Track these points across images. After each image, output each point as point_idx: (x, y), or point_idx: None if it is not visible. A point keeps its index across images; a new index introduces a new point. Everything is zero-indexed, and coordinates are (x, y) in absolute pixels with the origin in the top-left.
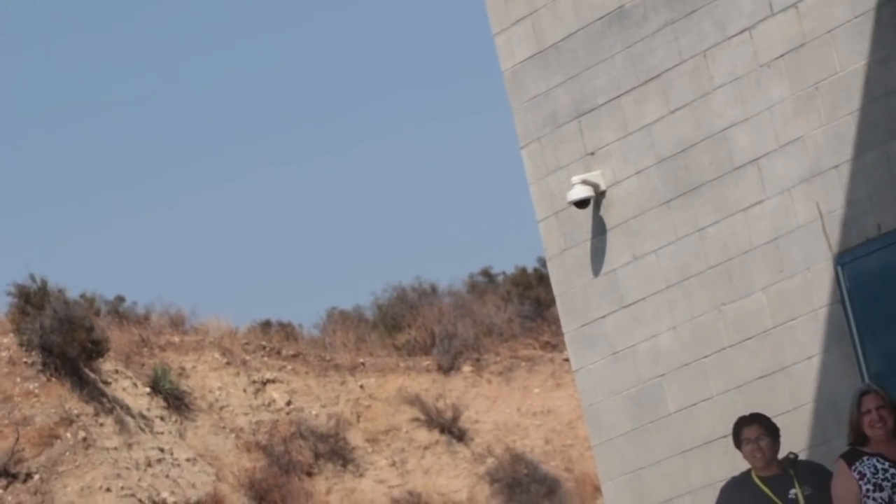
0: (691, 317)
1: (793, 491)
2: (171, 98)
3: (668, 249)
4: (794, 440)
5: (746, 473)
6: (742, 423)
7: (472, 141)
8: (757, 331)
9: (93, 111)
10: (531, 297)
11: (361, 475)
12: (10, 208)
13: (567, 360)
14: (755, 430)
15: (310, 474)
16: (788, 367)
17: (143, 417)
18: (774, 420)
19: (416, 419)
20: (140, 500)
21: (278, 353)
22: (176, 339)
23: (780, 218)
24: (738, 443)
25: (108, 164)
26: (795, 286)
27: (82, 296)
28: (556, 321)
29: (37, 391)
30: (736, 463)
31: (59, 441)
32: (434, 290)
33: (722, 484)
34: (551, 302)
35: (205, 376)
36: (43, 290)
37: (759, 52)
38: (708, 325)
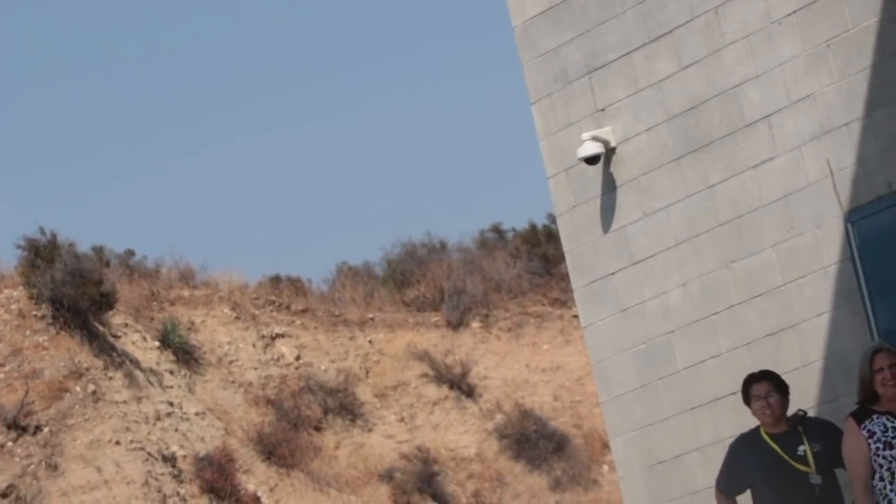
0: (701, 274)
1: (801, 448)
2: (183, 52)
3: (678, 206)
4: (803, 397)
5: (755, 430)
6: (751, 380)
7: (483, 97)
8: (766, 288)
9: (105, 65)
10: (540, 253)
11: (370, 430)
12: (21, 161)
13: (576, 316)
14: (764, 386)
15: (318, 429)
16: (798, 325)
17: (153, 371)
18: (783, 377)
19: (425, 375)
20: (149, 454)
21: (287, 307)
22: (185, 293)
23: (791, 175)
24: (747, 399)
25: (120, 118)
26: (805, 243)
27: (92, 249)
28: (566, 278)
29: (46, 344)
30: (745, 420)
31: (68, 394)
32: (443, 245)
33: (731, 441)
34: (560, 258)
35: (214, 331)
36: (53, 243)
37: (770, 9)
38: (717, 282)
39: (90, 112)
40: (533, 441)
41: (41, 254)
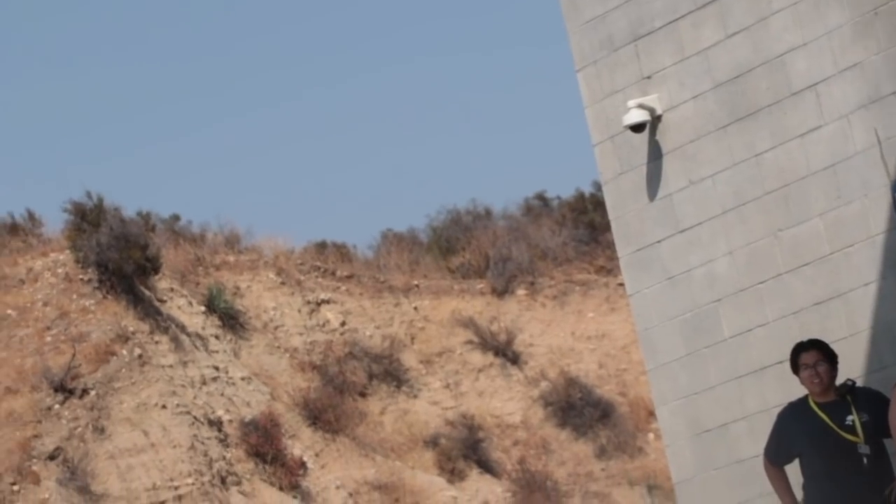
0: (747, 242)
1: (850, 417)
2: (230, 15)
3: (725, 174)
4: (851, 367)
5: (803, 399)
6: (800, 349)
7: (532, 65)
8: (813, 257)
9: (152, 29)
10: (586, 221)
11: (415, 396)
12: (68, 126)
13: (622, 284)
14: (813, 355)
15: (363, 395)
16: (845, 294)
17: (198, 336)
18: (832, 347)
19: (470, 342)
20: (195, 418)
21: (333, 273)
22: (231, 258)
23: (838, 144)
24: (795, 368)
25: (167, 82)
26: (852, 212)
27: (138, 214)
28: (611, 245)
29: (93, 308)
30: (791, 389)
31: (115, 358)
32: (489, 213)
33: (777, 410)
34: (606, 226)
35: (259, 296)
36: (99, 207)
37: None
38: (764, 250)
39: (137, 76)
40: (578, 409)
41: (87, 218)
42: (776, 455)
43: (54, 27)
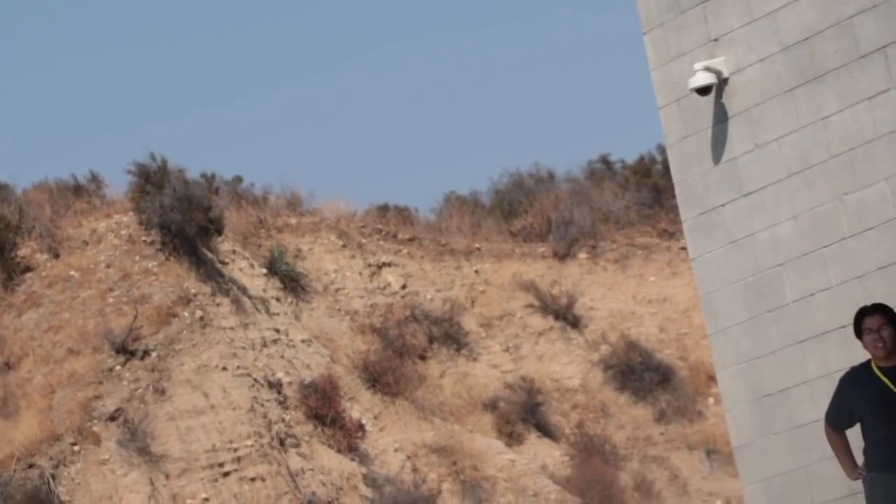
0: (812, 206)
1: None
2: None
3: (791, 138)
4: None
5: (866, 364)
6: (864, 313)
7: (597, 27)
8: (878, 221)
9: None
10: (649, 184)
11: (475, 360)
12: (133, 88)
13: (684, 248)
14: (877, 319)
15: (423, 358)
16: None
17: (260, 298)
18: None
19: (531, 305)
20: (255, 380)
21: (394, 236)
22: (293, 220)
23: None
24: (858, 333)
25: (231, 42)
26: None
27: (202, 176)
28: (674, 209)
29: (155, 270)
30: (854, 353)
31: (176, 320)
32: (552, 176)
33: (839, 374)
34: (669, 190)
35: (321, 258)
36: (163, 169)
37: None
38: (829, 214)
39: (201, 37)
40: (638, 373)
41: (151, 180)
42: (837, 419)
43: None
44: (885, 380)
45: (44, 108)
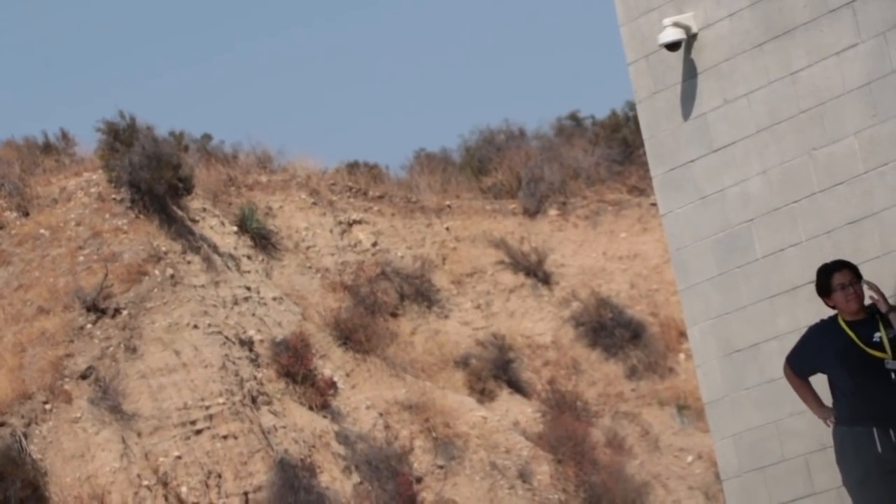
0: (781, 161)
1: (877, 334)
2: None
3: (760, 93)
4: (883, 286)
5: (833, 318)
6: (832, 269)
7: None
8: (847, 176)
9: None
10: (619, 140)
11: (446, 317)
12: (100, 47)
13: (654, 204)
14: (846, 275)
15: (394, 315)
16: (879, 213)
17: (230, 256)
18: (865, 265)
19: (502, 262)
20: (227, 338)
21: (364, 194)
22: (263, 178)
23: (875, 61)
24: (827, 289)
25: (198, 1)
26: (888, 131)
27: (171, 133)
28: (644, 165)
29: (125, 228)
30: (823, 308)
31: (147, 278)
32: (522, 133)
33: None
34: (639, 146)
35: (291, 216)
36: (132, 127)
37: None
38: (798, 169)
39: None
40: (609, 329)
41: (120, 137)
42: (800, 366)
43: None
44: (852, 333)
45: (12, 67)
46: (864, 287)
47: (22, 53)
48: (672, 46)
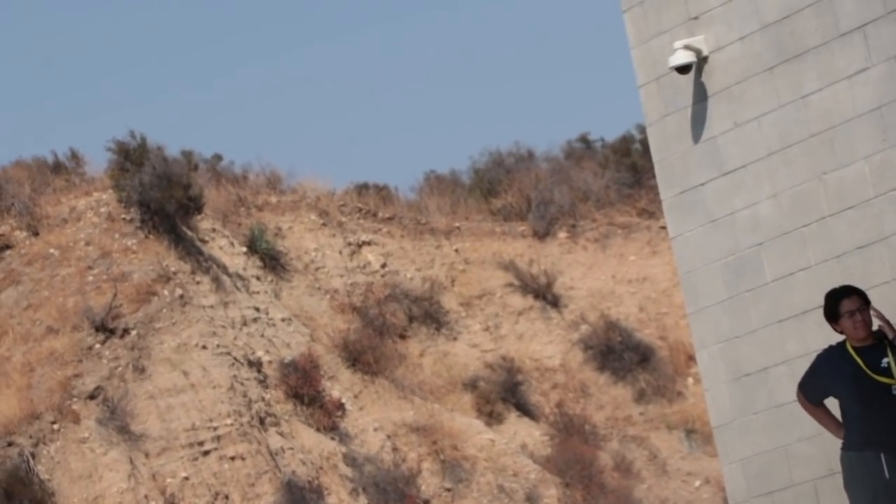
0: (792, 185)
1: (885, 360)
2: None
3: (770, 116)
4: (892, 311)
5: (841, 343)
6: (841, 295)
7: (577, 8)
8: (858, 200)
9: None
10: (629, 163)
11: (455, 339)
12: (111, 65)
13: (664, 227)
14: (855, 301)
15: (403, 337)
16: (888, 238)
17: (240, 277)
18: (874, 290)
19: (510, 284)
20: (235, 359)
21: (374, 215)
22: (273, 199)
23: (886, 86)
24: (835, 315)
25: (211, 20)
26: None
27: (181, 153)
28: (654, 188)
29: (135, 248)
30: (832, 333)
31: (156, 298)
32: (531, 155)
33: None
34: (649, 169)
35: (301, 237)
36: (142, 146)
37: None
38: (808, 193)
39: (179, 15)
40: (618, 352)
41: (131, 157)
42: (812, 392)
43: None
44: (859, 360)
45: (23, 86)
46: (872, 313)
47: (31, 71)
48: (683, 69)
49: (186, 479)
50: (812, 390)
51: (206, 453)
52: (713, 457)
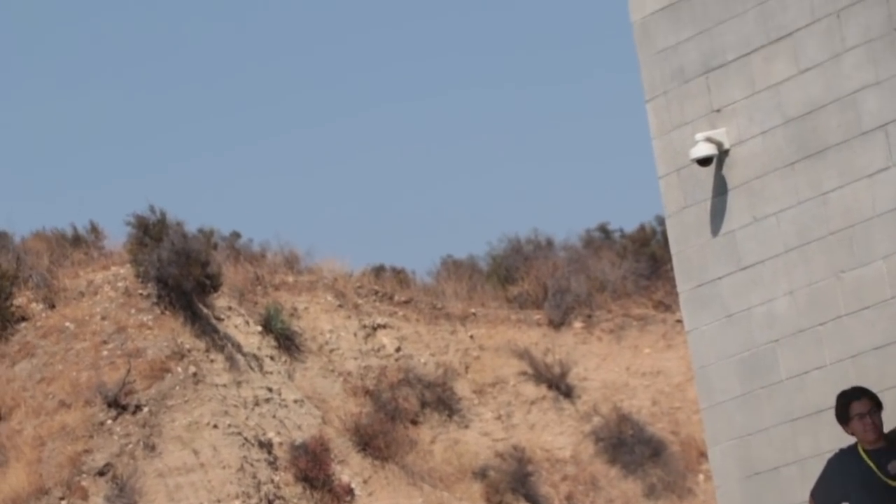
0: (809, 282)
1: (894, 463)
2: (289, 26)
3: (790, 212)
4: None
5: (853, 447)
6: (851, 398)
7: (598, 98)
8: (875, 300)
9: (210, 41)
10: (647, 254)
11: (466, 426)
12: (132, 137)
13: (679, 321)
14: (866, 404)
15: (415, 422)
16: None
17: (254, 356)
18: (888, 392)
19: (524, 373)
20: (246, 439)
21: (390, 298)
22: (290, 278)
23: None
24: (845, 417)
25: (233, 93)
26: None
27: (200, 230)
28: (671, 280)
29: (150, 323)
30: (845, 434)
31: (169, 375)
32: (550, 243)
33: (830, 455)
34: (667, 261)
35: (316, 318)
36: (162, 222)
37: (894, 14)
38: (825, 291)
39: (207, 87)
40: (629, 446)
41: (150, 232)
42: (824, 500)
43: (115, 38)
44: (871, 463)
45: (44, 155)
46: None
47: (53, 142)
48: (704, 161)
49: None
50: (824, 497)
51: None
52: None
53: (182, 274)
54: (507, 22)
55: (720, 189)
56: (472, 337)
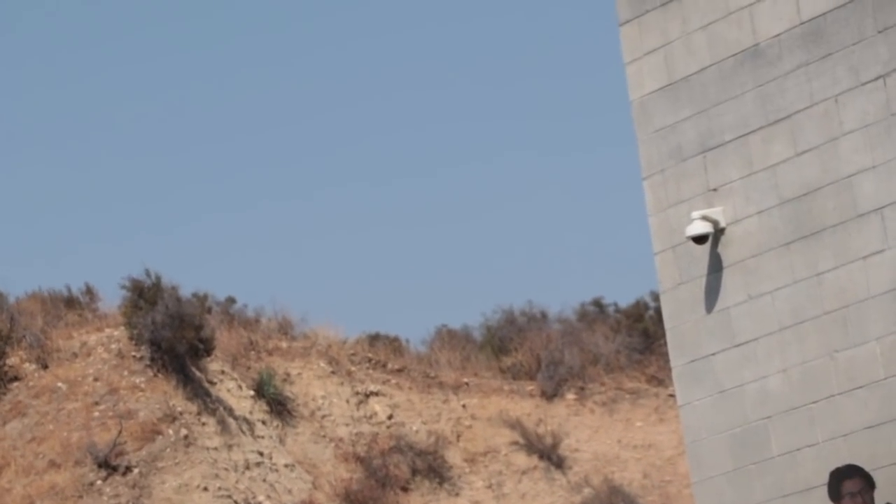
0: (802, 361)
1: None
2: (286, 93)
3: (784, 291)
4: None
5: None
6: (843, 476)
7: (594, 173)
8: (868, 380)
9: (209, 107)
10: (640, 329)
11: (457, 495)
12: (128, 201)
13: (672, 395)
14: (857, 483)
15: (405, 490)
16: None
17: (245, 420)
18: (880, 471)
19: (516, 443)
20: (236, 502)
21: (384, 366)
22: (284, 344)
23: None
24: (837, 495)
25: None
26: None
27: (194, 294)
28: (664, 355)
29: (142, 386)
30: None
31: (160, 437)
32: (544, 315)
33: None
34: (661, 336)
35: (309, 384)
36: (157, 285)
37: (891, 100)
38: (819, 370)
39: (206, 151)
40: None
41: (144, 295)
42: None
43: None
44: None
45: (40, 217)
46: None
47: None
48: (699, 239)
49: None
50: None
51: None
52: None
53: (176, 337)
54: (504, 95)
55: (715, 267)
56: (464, 406)
